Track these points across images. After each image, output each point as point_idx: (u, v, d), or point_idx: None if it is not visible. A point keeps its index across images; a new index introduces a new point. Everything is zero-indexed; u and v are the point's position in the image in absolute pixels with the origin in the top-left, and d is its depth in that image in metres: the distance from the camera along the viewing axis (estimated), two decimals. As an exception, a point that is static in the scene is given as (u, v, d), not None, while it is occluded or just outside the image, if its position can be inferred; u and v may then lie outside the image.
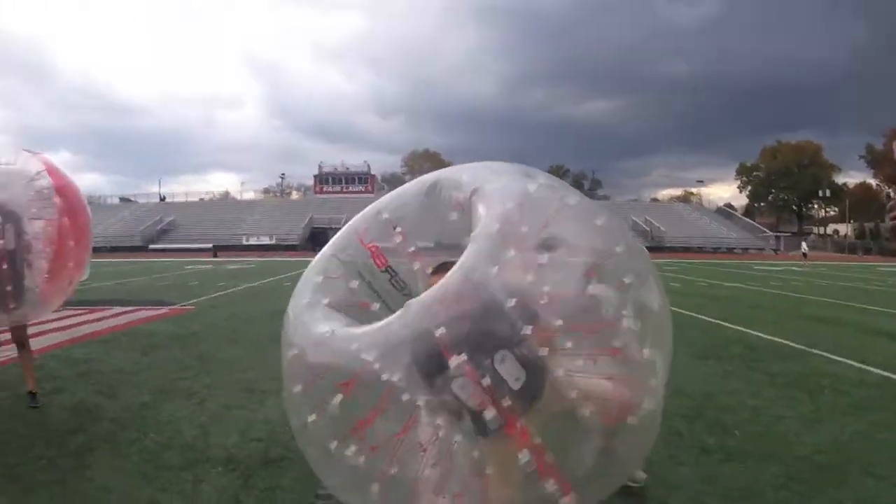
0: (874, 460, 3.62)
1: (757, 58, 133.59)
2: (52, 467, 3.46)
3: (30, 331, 5.06)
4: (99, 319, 9.37)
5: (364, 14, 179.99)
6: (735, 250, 53.27)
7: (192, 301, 12.13)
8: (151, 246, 50.44)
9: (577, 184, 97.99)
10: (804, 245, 44.15)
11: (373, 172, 72.49)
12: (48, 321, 7.56)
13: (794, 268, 30.31)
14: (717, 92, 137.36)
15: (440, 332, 1.78)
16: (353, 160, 74.88)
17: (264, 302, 12.05)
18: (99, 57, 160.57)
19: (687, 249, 51.16)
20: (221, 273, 21.83)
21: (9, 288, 4.24)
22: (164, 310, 10.69)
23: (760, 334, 8.29)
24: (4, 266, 4.18)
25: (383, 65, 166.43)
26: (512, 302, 1.83)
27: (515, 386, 1.79)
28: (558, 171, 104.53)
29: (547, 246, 1.96)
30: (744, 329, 8.73)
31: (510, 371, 1.80)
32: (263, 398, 4.90)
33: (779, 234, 62.72)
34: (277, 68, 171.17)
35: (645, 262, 2.26)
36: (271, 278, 18.90)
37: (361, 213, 2.69)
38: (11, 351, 5.02)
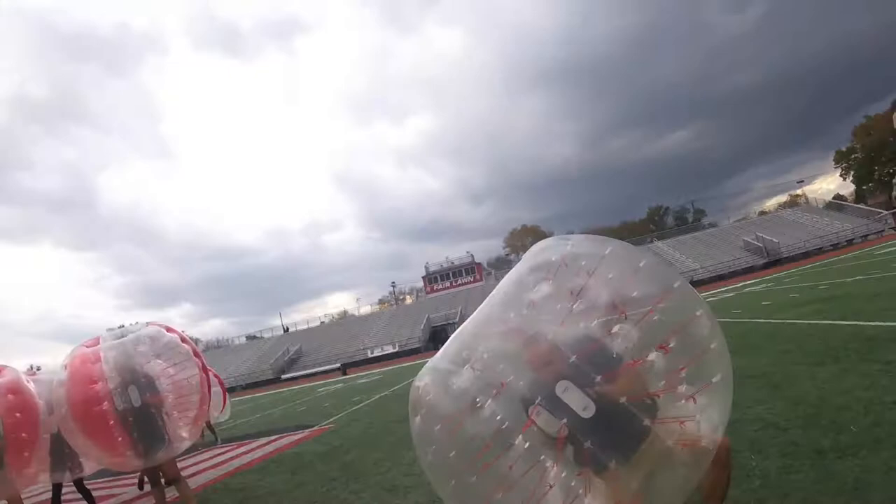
0: None
1: (819, 40, 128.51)
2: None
3: (189, 471, 5.61)
4: (248, 451, 10.03)
5: (433, 111, 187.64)
6: (854, 241, 49.61)
7: (330, 420, 12.71)
8: (284, 376, 52.70)
9: (681, 219, 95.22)
10: None
11: (477, 261, 73.73)
12: (204, 460, 8.22)
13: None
14: (791, 88, 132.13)
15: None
16: (456, 253, 76.73)
17: (396, 407, 12.59)
18: (198, 208, 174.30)
19: (806, 255, 48.13)
20: (353, 389, 22.57)
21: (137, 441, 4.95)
22: (306, 432, 11.27)
23: (878, 323, 7.94)
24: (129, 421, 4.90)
25: (462, 154, 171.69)
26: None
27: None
28: (658, 212, 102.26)
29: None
30: (862, 323, 8.34)
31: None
32: (406, 492, 5.17)
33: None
34: (366, 183, 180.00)
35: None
36: (401, 385, 19.38)
37: None
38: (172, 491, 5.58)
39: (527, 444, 2.40)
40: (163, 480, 5.59)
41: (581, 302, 2.53)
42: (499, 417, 2.46)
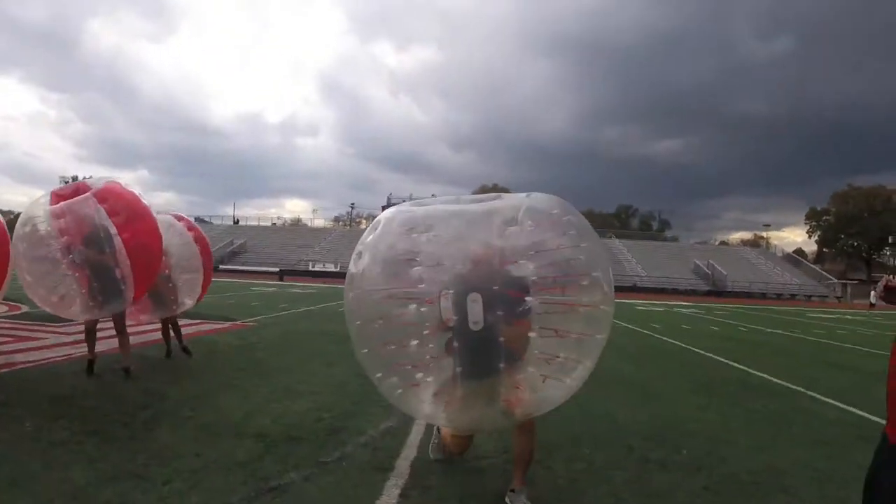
0: (796, 483, 4.11)
1: (834, 96, 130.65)
2: (125, 428, 4.57)
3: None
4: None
5: (440, 46, 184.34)
6: (798, 297, 52.07)
7: (253, 318, 13.36)
8: (221, 266, 52.76)
9: (646, 224, 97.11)
10: (873, 294, 42.63)
11: (438, 205, 73.71)
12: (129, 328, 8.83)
13: (847, 316, 29.90)
14: (793, 131, 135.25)
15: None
16: (421, 192, 76.90)
17: (317, 322, 13.45)
18: (181, 79, 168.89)
19: (749, 295, 50.37)
20: (284, 296, 23.21)
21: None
22: (227, 325, 11.93)
23: (764, 375, 8.72)
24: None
25: (457, 97, 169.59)
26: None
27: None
28: (626, 211, 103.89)
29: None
30: (751, 370, 9.15)
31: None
32: (297, 396, 5.89)
33: (847, 281, 60.87)
34: (353, 97, 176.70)
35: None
36: (329, 303, 20.07)
37: None
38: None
39: (422, 309, 3.12)
40: None
41: (528, 247, 3.15)
42: (421, 286, 3.14)
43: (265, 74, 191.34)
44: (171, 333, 7.95)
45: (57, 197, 6.14)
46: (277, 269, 47.79)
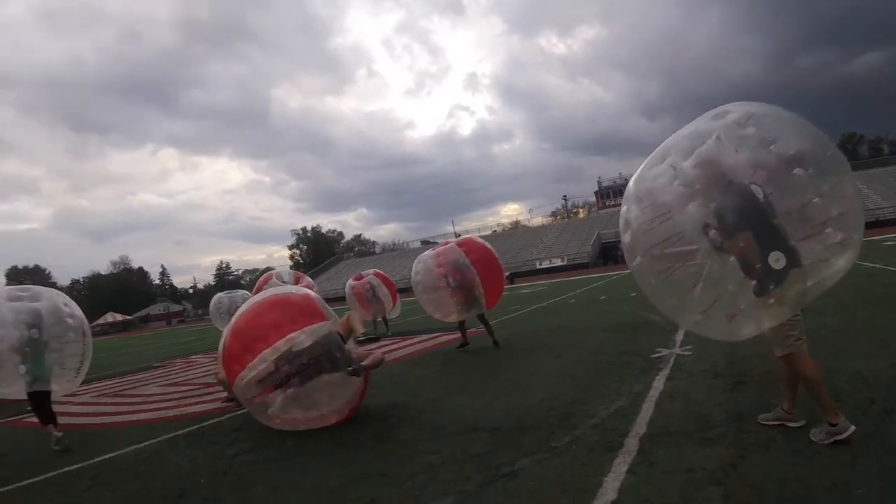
0: None
1: None
2: (372, 436, 5.13)
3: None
4: (408, 345, 11.62)
5: (603, 21, 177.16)
6: None
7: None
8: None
9: (875, 150, 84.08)
10: None
11: (654, 178, 70.68)
12: (377, 347, 9.86)
13: None
14: None
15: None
16: (628, 170, 74.29)
17: (545, 319, 13.77)
18: (368, 119, 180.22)
19: None
20: (515, 297, 23.87)
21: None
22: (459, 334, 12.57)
23: None
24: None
25: (635, 66, 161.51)
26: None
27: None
28: (851, 139, 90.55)
29: None
30: None
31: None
32: (527, 389, 6.12)
33: None
34: (534, 94, 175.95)
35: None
36: (558, 298, 20.24)
37: None
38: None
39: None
40: None
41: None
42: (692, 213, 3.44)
43: (444, 95, 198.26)
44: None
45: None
46: (507, 273, 49.03)
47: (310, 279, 14.24)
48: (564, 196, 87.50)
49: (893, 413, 3.86)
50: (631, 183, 3.93)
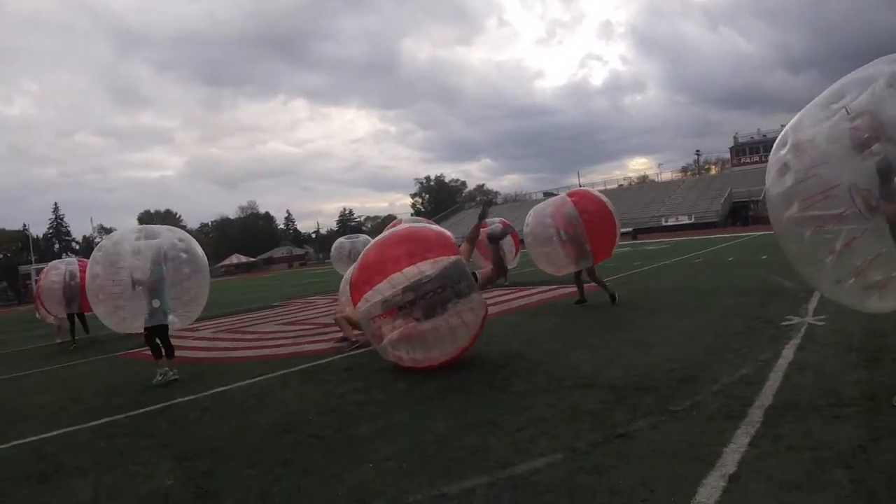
0: None
1: None
2: (485, 385, 4.99)
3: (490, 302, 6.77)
4: (528, 296, 11.35)
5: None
6: None
7: (607, 279, 13.41)
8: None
9: None
10: None
11: (797, 133, 65.71)
12: (492, 296, 9.68)
13: None
14: None
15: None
16: (770, 125, 69.00)
17: (669, 277, 13.17)
18: (498, 69, 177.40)
19: None
20: (638, 254, 22.94)
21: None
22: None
23: None
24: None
25: (781, 14, 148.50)
26: None
27: None
28: None
29: None
30: None
31: None
32: (647, 349, 5.72)
33: None
34: (671, 44, 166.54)
35: None
36: (684, 257, 19.28)
37: None
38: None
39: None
40: None
41: None
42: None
43: (576, 44, 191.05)
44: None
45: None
46: (630, 229, 47.51)
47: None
48: (697, 151, 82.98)
49: None
50: (788, 128, 3.64)
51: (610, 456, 3.15)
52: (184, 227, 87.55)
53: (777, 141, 3.66)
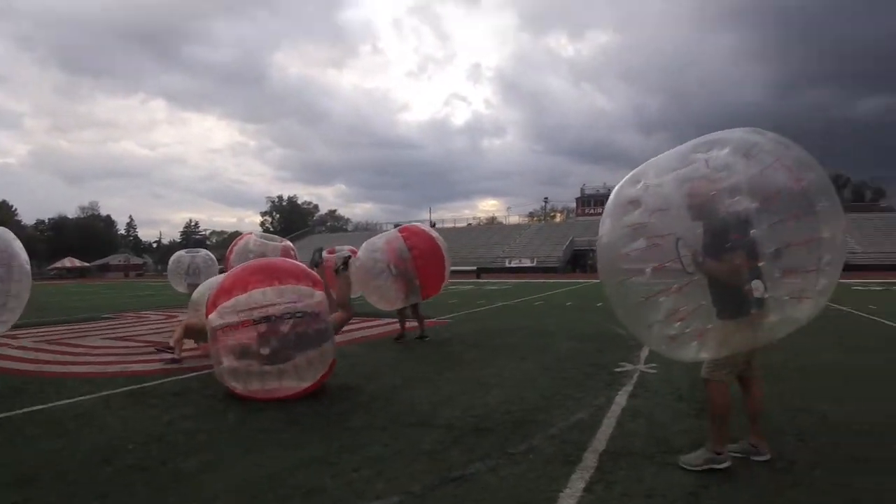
0: None
1: None
2: (322, 419, 4.87)
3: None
4: (370, 327, 11.31)
5: (616, 29, 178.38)
6: None
7: (449, 316, 13.75)
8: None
9: (858, 195, 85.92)
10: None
11: (635, 194, 71.21)
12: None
13: None
14: None
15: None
16: (616, 180, 73.72)
17: (511, 318, 13.56)
18: (366, 96, 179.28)
19: None
20: (481, 293, 23.66)
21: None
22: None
23: None
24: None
25: (641, 79, 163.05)
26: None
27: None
28: (836, 182, 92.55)
29: None
30: None
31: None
32: (487, 389, 5.88)
33: None
34: (535, 93, 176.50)
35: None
36: (524, 298, 20.11)
37: None
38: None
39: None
40: None
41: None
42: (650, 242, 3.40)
43: (445, 82, 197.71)
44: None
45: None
46: (475, 268, 48.90)
47: (290, 245, 13.68)
48: (545, 198, 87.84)
49: (860, 461, 3.71)
50: (640, 169, 3.76)
51: (446, 499, 3.16)
52: (18, 223, 79.60)
53: (625, 180, 3.76)
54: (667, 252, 3.32)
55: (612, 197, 3.79)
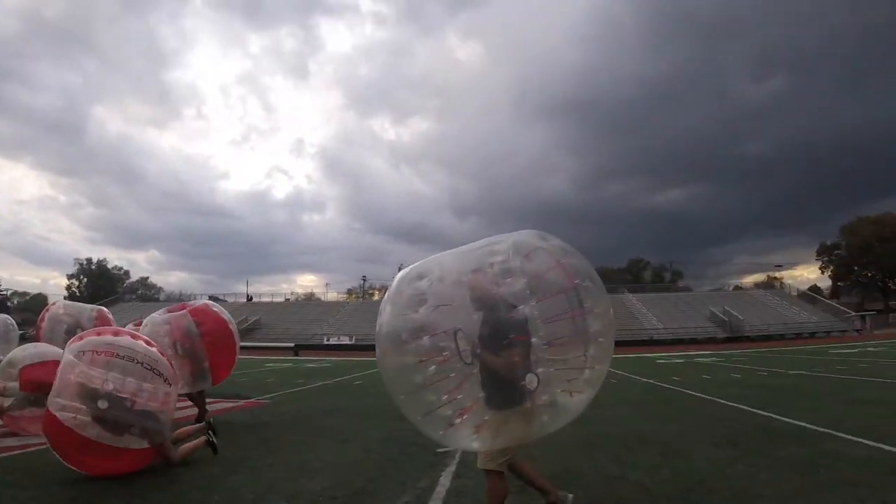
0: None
1: (832, 129, 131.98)
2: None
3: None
4: (184, 408, 10.58)
5: (437, 117, 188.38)
6: (817, 334, 50.48)
7: (267, 396, 13.27)
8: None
9: (658, 276, 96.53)
10: None
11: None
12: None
13: (869, 348, 29.46)
14: (795, 169, 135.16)
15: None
16: (431, 260, 76.57)
17: (332, 398, 13.40)
18: (186, 161, 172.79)
19: (768, 338, 49.25)
20: (300, 371, 23.09)
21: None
22: (241, 402, 11.88)
23: (789, 420, 8.37)
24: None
25: (458, 165, 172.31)
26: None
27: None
28: (638, 264, 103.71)
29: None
30: (775, 416, 8.82)
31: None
32: (311, 474, 5.78)
33: (865, 312, 60.02)
34: (356, 172, 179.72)
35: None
36: (345, 377, 19.92)
37: None
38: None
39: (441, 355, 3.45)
40: None
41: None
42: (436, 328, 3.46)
43: (267, 153, 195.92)
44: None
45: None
46: (293, 345, 47.55)
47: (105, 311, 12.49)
48: (364, 276, 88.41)
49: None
50: (431, 260, 3.97)
51: None
52: None
53: (410, 272, 3.86)
54: (446, 343, 3.42)
55: (394, 286, 3.83)
